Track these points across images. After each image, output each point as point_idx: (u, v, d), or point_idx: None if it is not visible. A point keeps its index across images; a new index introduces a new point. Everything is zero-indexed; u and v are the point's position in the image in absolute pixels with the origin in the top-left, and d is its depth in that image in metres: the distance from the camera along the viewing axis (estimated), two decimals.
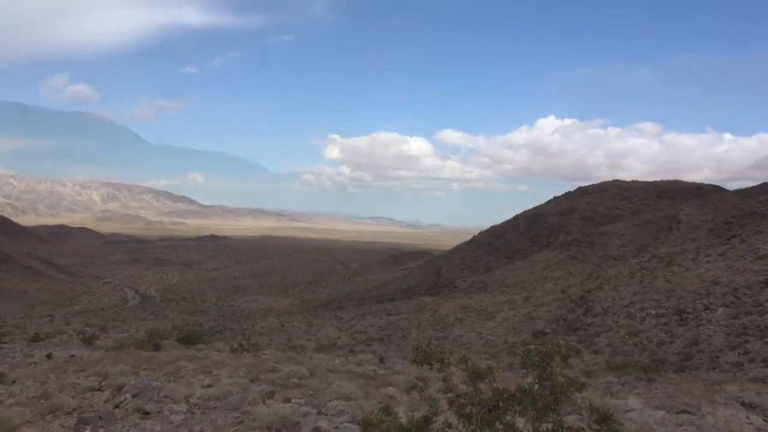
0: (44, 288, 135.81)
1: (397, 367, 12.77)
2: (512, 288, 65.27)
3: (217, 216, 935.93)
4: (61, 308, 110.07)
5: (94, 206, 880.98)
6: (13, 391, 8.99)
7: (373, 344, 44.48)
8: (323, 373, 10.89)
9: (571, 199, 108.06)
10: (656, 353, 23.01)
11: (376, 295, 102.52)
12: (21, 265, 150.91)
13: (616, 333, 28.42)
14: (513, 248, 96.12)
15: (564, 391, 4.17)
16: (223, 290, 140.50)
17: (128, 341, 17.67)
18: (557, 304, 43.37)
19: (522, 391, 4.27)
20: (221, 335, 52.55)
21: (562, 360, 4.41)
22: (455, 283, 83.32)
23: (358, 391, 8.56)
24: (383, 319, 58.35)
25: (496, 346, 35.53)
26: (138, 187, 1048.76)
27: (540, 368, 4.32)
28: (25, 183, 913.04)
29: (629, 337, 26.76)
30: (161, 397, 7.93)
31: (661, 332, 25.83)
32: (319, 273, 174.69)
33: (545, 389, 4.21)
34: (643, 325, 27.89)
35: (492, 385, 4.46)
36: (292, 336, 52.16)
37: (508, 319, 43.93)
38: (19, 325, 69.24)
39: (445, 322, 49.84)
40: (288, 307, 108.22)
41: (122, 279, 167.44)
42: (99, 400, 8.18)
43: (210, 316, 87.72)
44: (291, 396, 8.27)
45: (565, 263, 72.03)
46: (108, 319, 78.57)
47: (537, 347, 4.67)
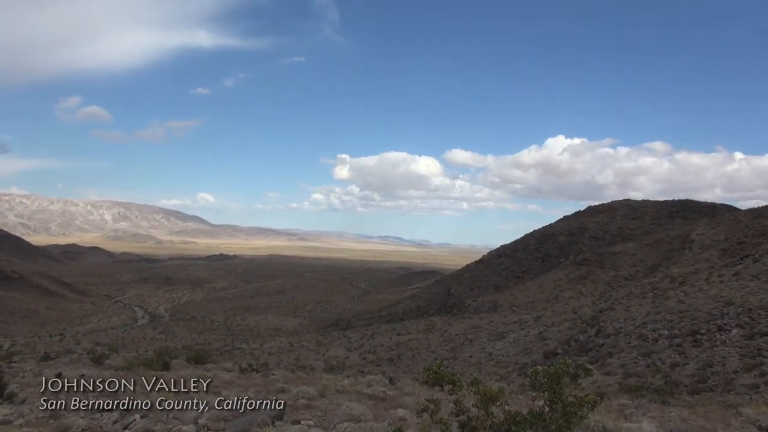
0: (55, 307, 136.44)
1: (407, 389, 12.65)
2: (522, 308, 64.80)
3: (227, 235, 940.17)
4: (72, 327, 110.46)
5: (106, 225, 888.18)
6: (23, 411, 8.98)
7: (383, 364, 44.20)
8: (332, 394, 10.81)
9: (581, 219, 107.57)
10: (670, 375, 22.64)
11: (386, 314, 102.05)
12: (32, 284, 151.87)
13: (628, 354, 28.02)
14: (523, 268, 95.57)
15: (576, 411, 4.12)
16: (232, 309, 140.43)
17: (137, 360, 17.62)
18: (568, 325, 42.96)
19: (534, 414, 4.23)
20: (230, 355, 52.45)
21: (572, 380, 4.36)
22: (465, 302, 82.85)
23: (367, 412, 8.48)
24: (392, 339, 58.03)
25: (507, 367, 35.17)
26: (149, 207, 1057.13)
27: (549, 389, 4.28)
28: (38, 203, 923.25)
29: (642, 359, 26.38)
30: (170, 417, 7.90)
31: (674, 353, 25.45)
32: (328, 292, 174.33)
33: (557, 411, 4.16)
34: (656, 346, 27.50)
35: (504, 408, 4.42)
36: (301, 356, 51.96)
37: (519, 340, 43.54)
38: (29, 344, 69.55)
39: (455, 342, 49.47)
40: (297, 327, 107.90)
41: (132, 298, 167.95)
42: (108, 421, 8.15)
43: (219, 336, 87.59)
44: (300, 417, 8.21)
45: (575, 283, 71.49)
46: (118, 338, 78.71)
47: (545, 368, 4.63)
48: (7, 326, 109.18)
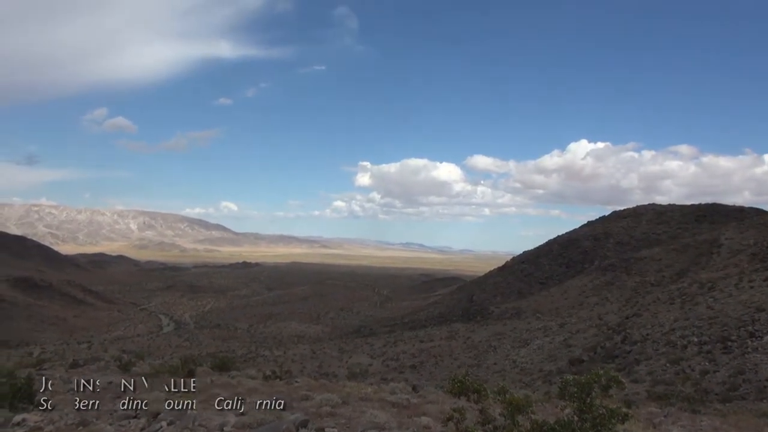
0: (83, 315, 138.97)
1: (431, 396, 12.56)
2: (547, 314, 64.09)
3: (249, 243, 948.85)
4: (99, 335, 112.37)
5: (132, 234, 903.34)
6: (53, 417, 9.13)
7: (406, 372, 44.03)
8: (356, 402, 10.79)
9: (605, 224, 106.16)
10: (700, 383, 22.16)
11: (408, 321, 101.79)
12: (61, 292, 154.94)
13: (656, 361, 27.51)
14: (546, 274, 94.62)
15: (605, 423, 4.04)
16: (256, 317, 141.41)
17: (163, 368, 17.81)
18: (594, 331, 42.35)
19: (562, 424, 4.15)
20: (254, 362, 52.77)
21: (602, 390, 4.28)
22: (488, 309, 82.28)
23: (391, 420, 8.44)
24: (415, 346, 57.82)
25: (532, 374, 34.77)
26: (173, 216, 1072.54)
27: (579, 399, 4.20)
28: (66, 213, 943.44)
29: (670, 366, 25.87)
30: (196, 425, 7.96)
31: (704, 361, 24.91)
32: (350, 299, 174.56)
33: (586, 422, 4.08)
34: (685, 353, 26.95)
35: (531, 417, 4.36)
36: (324, 363, 52.05)
37: (543, 347, 43.03)
38: (58, 352, 70.80)
39: (479, 350, 49.09)
40: (319, 334, 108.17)
41: (158, 306, 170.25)
42: (135, 428, 8.24)
43: (243, 343, 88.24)
44: (324, 425, 8.20)
45: (601, 289, 70.51)
46: (144, 345, 79.80)
47: (575, 377, 4.55)
48: (37, 334, 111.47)
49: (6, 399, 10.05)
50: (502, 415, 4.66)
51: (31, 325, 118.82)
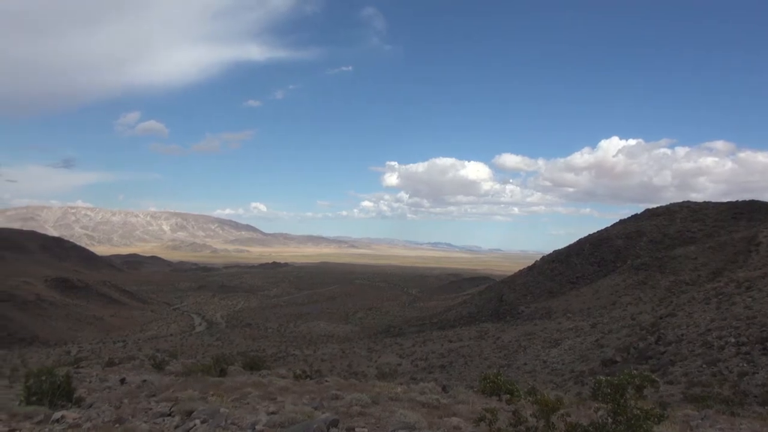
0: (118, 314, 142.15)
1: (461, 396, 12.48)
2: (578, 314, 63.17)
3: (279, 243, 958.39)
4: (134, 334, 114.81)
5: (164, 235, 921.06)
6: (90, 415, 9.35)
7: (435, 371, 43.90)
8: (386, 401, 10.79)
9: (638, 222, 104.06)
10: (738, 384, 21.57)
11: (437, 321, 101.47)
12: (97, 292, 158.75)
13: (692, 362, 26.86)
14: (577, 273, 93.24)
15: (640, 424, 3.95)
16: (286, 316, 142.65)
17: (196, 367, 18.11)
18: (627, 332, 41.58)
19: (596, 426, 4.07)
20: (284, 361, 53.29)
21: (637, 391, 4.19)
22: (518, 309, 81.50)
23: (421, 420, 8.41)
24: (444, 346, 57.61)
25: (563, 375, 34.31)
26: (204, 217, 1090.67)
27: (613, 401, 4.11)
28: (101, 215, 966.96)
29: (707, 367, 25.24)
30: (228, 423, 8.06)
31: (742, 362, 24.23)
32: (379, 299, 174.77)
33: (620, 424, 4.00)
34: (722, 354, 26.25)
35: (565, 418, 4.29)
36: (353, 362, 52.23)
37: (575, 347, 42.43)
38: (95, 350, 72.67)
39: (509, 350, 48.65)
40: (348, 334, 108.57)
41: (190, 305, 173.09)
42: (170, 426, 8.38)
43: (273, 342, 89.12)
44: (354, 425, 8.22)
45: (633, 288, 69.18)
46: (177, 344, 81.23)
47: (608, 378, 4.46)
48: (74, 333, 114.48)
49: (46, 396, 10.34)
50: (534, 416, 4.60)
51: (68, 325, 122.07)
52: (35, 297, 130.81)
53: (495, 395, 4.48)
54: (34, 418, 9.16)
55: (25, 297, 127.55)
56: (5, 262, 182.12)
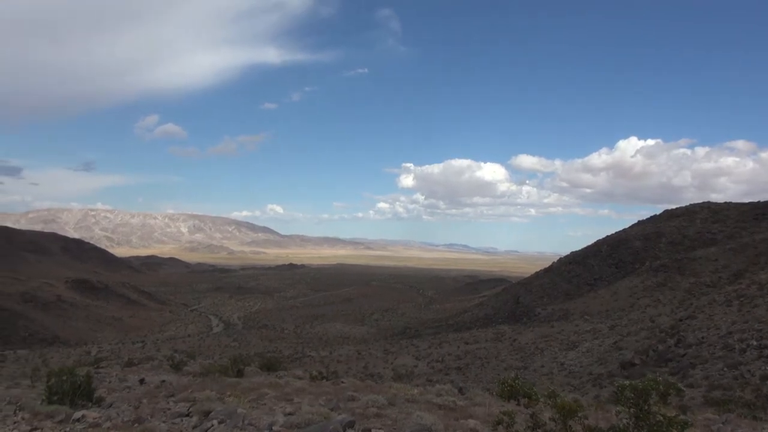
0: (137, 315, 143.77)
1: (478, 399, 12.40)
2: (596, 316, 62.54)
3: (295, 245, 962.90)
4: (152, 334, 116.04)
5: (182, 237, 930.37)
6: (110, 414, 9.46)
7: (451, 373, 43.73)
8: (402, 403, 10.76)
9: (657, 223, 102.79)
10: (760, 388, 21.17)
11: (453, 323, 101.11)
12: (117, 293, 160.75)
13: (713, 365, 26.44)
14: (595, 275, 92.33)
15: (663, 431, 3.88)
16: (302, 318, 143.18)
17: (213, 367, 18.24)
18: (646, 334, 41.05)
19: (616, 430, 4.00)
20: (300, 362, 53.44)
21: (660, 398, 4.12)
22: (534, 311, 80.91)
23: (438, 422, 8.37)
24: (461, 347, 57.37)
25: (581, 377, 33.97)
26: (221, 219, 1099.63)
27: (635, 406, 4.04)
28: (120, 217, 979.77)
29: (728, 370, 24.82)
30: (246, 424, 8.10)
31: (764, 365, 23.80)
32: (395, 301, 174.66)
33: (642, 429, 3.93)
34: (744, 357, 25.80)
35: (583, 422, 4.23)
36: (369, 364, 52.21)
37: (593, 349, 42.00)
38: (114, 351, 73.53)
39: (525, 352, 48.31)
40: (365, 335, 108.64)
41: (207, 307, 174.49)
42: (188, 426, 8.45)
43: (289, 343, 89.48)
44: (371, 426, 8.22)
45: (652, 290, 68.32)
46: (194, 345, 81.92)
47: (631, 383, 4.39)
48: (94, 333, 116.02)
49: (67, 396, 10.48)
50: (552, 419, 4.55)
51: (89, 325, 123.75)
52: (56, 298, 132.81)
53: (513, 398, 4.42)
54: (56, 417, 9.30)
55: (46, 298, 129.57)
56: (28, 264, 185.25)
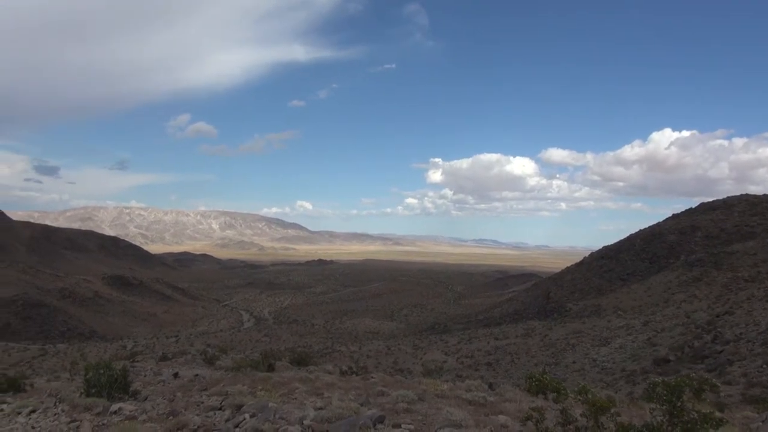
0: (170, 310, 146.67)
1: (508, 394, 12.31)
2: (629, 312, 61.44)
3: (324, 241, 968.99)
4: (185, 329, 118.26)
5: (213, 234, 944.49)
6: (146, 407, 9.69)
7: (481, 369, 43.51)
8: (432, 399, 10.74)
9: (692, 216, 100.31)
10: None
11: (483, 318, 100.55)
12: (151, 289, 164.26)
13: (751, 362, 25.74)
14: (628, 270, 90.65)
15: (698, 428, 3.79)
16: (331, 313, 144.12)
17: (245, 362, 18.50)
18: (681, 330, 40.18)
19: (650, 428, 3.92)
20: (330, 357, 53.82)
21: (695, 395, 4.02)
22: (565, 306, 79.91)
23: (468, 418, 8.34)
24: (490, 343, 57.03)
25: (613, 374, 33.44)
26: (252, 216, 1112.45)
27: (669, 403, 3.95)
28: (154, 214, 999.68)
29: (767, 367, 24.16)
30: (277, 418, 8.20)
31: None
32: (424, 296, 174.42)
33: (676, 426, 3.84)
34: None
35: (615, 419, 4.16)
36: (399, 359, 52.30)
37: (626, 346, 41.28)
38: (149, 345, 75.15)
39: (556, 348, 47.75)
40: (394, 331, 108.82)
41: (239, 302, 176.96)
42: (221, 419, 8.60)
43: (319, 338, 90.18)
44: (401, 421, 8.22)
45: (688, 285, 66.77)
46: (226, 340, 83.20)
47: (664, 380, 4.29)
48: (130, 328, 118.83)
49: (104, 389, 10.78)
50: (583, 415, 4.49)
51: (124, 320, 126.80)
52: (93, 294, 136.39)
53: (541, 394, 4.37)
54: (94, 409, 9.57)
55: (84, 294, 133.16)
56: (66, 261, 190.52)
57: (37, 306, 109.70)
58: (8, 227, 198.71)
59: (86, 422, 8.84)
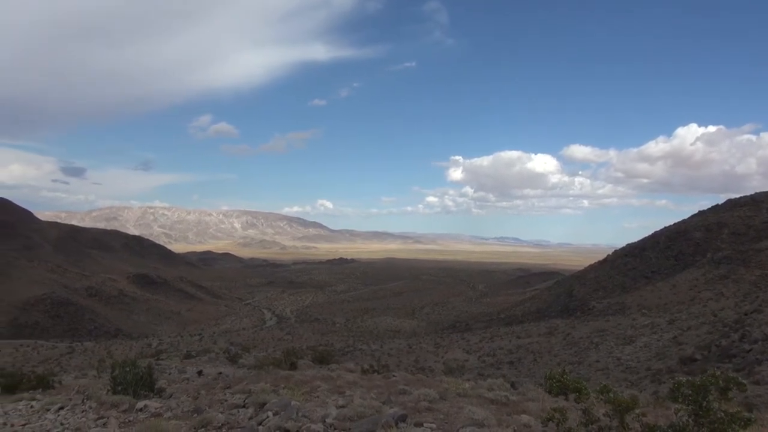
0: (194, 309, 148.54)
1: (530, 394, 12.22)
2: (654, 310, 60.53)
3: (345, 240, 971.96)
4: (209, 328, 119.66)
5: (235, 233, 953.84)
6: (171, 405, 9.83)
7: (503, 368, 43.28)
8: (453, 397, 10.70)
9: (719, 213, 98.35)
10: None
11: (504, 317, 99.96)
12: (175, 288, 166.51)
13: None
14: (653, 268, 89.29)
15: (725, 428, 3.72)
16: (353, 311, 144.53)
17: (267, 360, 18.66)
18: (707, 328, 39.49)
19: (676, 428, 3.86)
20: (352, 355, 53.99)
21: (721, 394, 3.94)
22: (589, 305, 79.00)
23: (490, 417, 8.29)
24: (512, 342, 56.67)
25: (638, 373, 32.99)
26: (273, 215, 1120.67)
27: (694, 402, 3.89)
28: (177, 214, 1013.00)
29: None
30: (300, 416, 8.25)
31: None
32: (445, 294, 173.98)
33: (703, 426, 3.77)
34: None
35: (640, 419, 4.10)
36: (420, 357, 52.25)
37: (651, 344, 40.71)
38: (173, 343, 76.18)
39: (579, 346, 47.26)
40: (415, 329, 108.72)
41: (261, 301, 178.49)
42: (244, 417, 8.68)
43: (341, 337, 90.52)
44: (423, 420, 8.21)
45: (714, 283, 65.54)
46: (249, 338, 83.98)
47: (689, 378, 4.22)
48: (155, 327, 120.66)
49: (130, 386, 10.96)
50: (607, 415, 4.45)
51: (149, 319, 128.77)
52: (119, 292, 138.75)
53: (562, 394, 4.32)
54: (120, 406, 9.75)
55: (109, 292, 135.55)
56: (92, 260, 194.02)
57: (65, 304, 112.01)
58: (37, 227, 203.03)
59: (113, 419, 9.00)
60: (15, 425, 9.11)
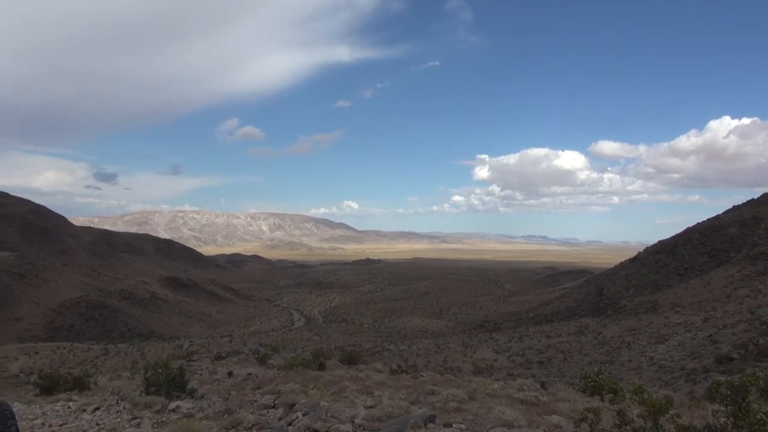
0: (223, 311, 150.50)
1: (561, 394, 12.03)
2: (687, 308, 59.21)
3: (371, 240, 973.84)
4: (238, 329, 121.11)
5: (263, 235, 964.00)
6: (202, 405, 9.96)
7: (533, 368, 42.85)
8: (482, 398, 10.61)
9: (755, 208, 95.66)
10: None
11: (533, 316, 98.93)
12: (205, 290, 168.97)
13: None
14: (686, 265, 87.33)
15: (765, 430, 3.59)
16: (380, 312, 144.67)
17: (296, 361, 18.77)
18: (744, 326, 38.44)
19: (713, 429, 3.74)
20: (380, 356, 54.07)
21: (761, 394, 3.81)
22: (620, 303, 77.67)
23: (520, 418, 8.19)
24: (542, 341, 56.05)
25: (672, 373, 32.30)
26: (300, 217, 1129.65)
27: (733, 403, 3.76)
28: (206, 217, 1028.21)
29: None
30: (329, 416, 8.27)
31: None
32: (473, 294, 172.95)
33: (742, 428, 3.65)
34: None
35: (675, 420, 3.99)
36: (448, 357, 52.05)
37: (685, 343, 39.81)
38: (204, 345, 77.31)
39: (611, 346, 46.50)
40: (443, 329, 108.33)
41: (289, 302, 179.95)
42: (274, 417, 8.75)
43: (368, 337, 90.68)
44: (452, 420, 8.16)
45: (751, 280, 63.78)
46: (278, 339, 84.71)
47: (727, 378, 4.09)
48: (186, 328, 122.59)
49: (162, 387, 11.14)
50: (641, 417, 4.34)
51: (180, 320, 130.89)
52: (151, 295, 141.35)
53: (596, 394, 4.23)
54: (153, 407, 9.92)
55: (142, 295, 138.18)
56: (125, 264, 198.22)
57: (99, 307, 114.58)
58: (71, 232, 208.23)
59: (146, 419, 9.17)
60: (53, 425, 9.34)
